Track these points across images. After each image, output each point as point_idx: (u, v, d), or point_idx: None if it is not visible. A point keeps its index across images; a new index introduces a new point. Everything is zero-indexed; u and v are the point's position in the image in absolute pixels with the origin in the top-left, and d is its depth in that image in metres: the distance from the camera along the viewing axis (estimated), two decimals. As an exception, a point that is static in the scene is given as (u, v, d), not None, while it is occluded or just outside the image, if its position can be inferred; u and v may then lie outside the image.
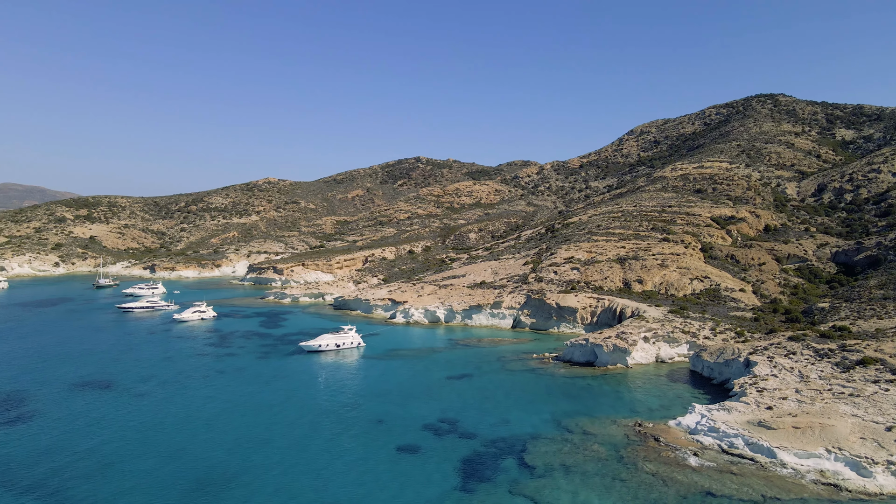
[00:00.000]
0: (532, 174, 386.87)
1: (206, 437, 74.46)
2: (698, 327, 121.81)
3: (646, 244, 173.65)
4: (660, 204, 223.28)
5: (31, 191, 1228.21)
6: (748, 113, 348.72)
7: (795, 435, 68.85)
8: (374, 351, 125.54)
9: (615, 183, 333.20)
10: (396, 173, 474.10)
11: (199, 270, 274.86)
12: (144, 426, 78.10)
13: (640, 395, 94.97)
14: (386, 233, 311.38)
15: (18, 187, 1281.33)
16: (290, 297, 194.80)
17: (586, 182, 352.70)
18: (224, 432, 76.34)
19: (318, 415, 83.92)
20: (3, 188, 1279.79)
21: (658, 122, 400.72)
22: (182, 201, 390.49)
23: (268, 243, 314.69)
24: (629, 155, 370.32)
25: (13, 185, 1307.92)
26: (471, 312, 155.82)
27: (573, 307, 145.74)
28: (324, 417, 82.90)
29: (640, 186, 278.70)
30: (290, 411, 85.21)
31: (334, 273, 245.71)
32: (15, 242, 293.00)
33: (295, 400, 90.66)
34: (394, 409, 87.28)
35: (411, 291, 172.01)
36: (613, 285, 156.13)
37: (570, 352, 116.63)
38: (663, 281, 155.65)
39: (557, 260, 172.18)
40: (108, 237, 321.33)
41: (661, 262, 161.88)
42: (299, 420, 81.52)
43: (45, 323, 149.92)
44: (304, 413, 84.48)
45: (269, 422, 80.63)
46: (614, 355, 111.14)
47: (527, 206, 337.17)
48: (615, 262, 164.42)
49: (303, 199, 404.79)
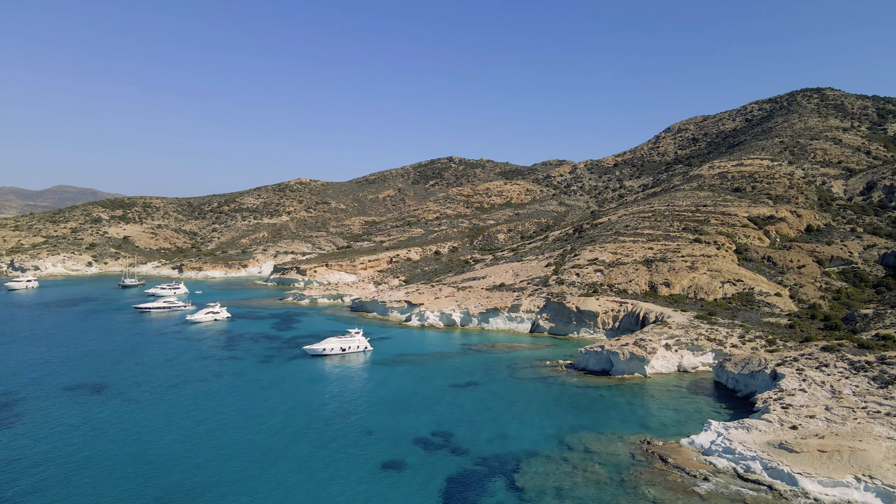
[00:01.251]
0: (564, 173, 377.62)
1: (181, 448, 70.63)
2: (725, 334, 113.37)
3: (675, 245, 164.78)
4: (694, 203, 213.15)
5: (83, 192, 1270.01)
6: (793, 108, 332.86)
7: (821, 460, 61.14)
8: (380, 356, 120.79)
9: (650, 182, 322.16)
10: (429, 173, 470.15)
11: (226, 271, 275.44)
12: (121, 435, 74.78)
13: (655, 408, 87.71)
14: (413, 233, 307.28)
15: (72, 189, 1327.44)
16: (309, 299, 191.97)
17: (620, 181, 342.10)
18: (202, 443, 72.43)
19: (304, 425, 79.40)
20: (58, 190, 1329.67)
21: (697, 118, 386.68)
22: (215, 202, 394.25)
23: (295, 244, 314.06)
24: (665, 153, 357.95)
25: (67, 187, 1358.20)
26: (487, 316, 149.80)
27: (594, 311, 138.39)
28: (310, 428, 78.32)
29: (674, 185, 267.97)
30: (276, 420, 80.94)
31: (358, 274, 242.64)
32: (51, 242, 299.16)
33: (285, 408, 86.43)
34: (386, 420, 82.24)
35: (428, 293, 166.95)
36: (638, 288, 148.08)
37: (585, 359, 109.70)
38: (692, 284, 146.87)
39: (580, 261, 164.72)
40: (140, 237, 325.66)
41: (691, 264, 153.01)
42: (283, 430, 77.12)
43: (60, 323, 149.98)
44: (290, 423, 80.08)
45: (251, 431, 76.47)
46: (631, 364, 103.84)
47: (558, 206, 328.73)
48: (641, 264, 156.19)
49: (333, 200, 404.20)
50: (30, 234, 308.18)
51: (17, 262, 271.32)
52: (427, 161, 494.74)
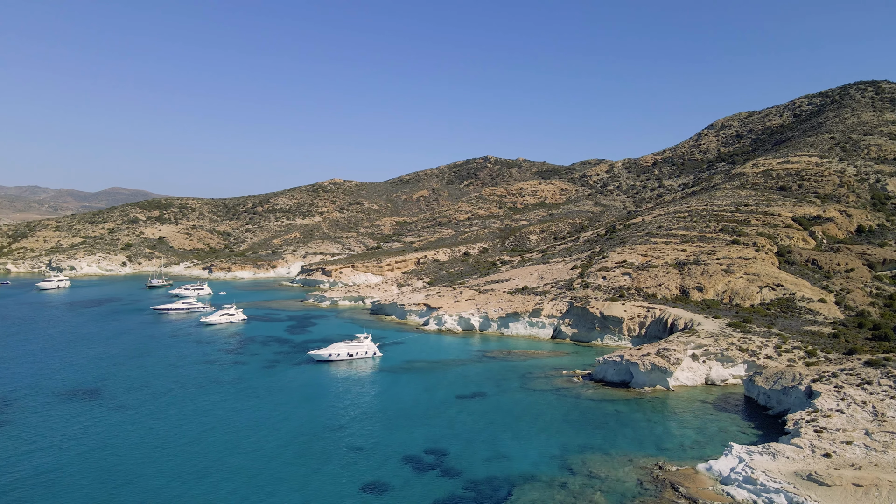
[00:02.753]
0: (601, 173, 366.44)
1: (155, 462, 66.58)
2: (760, 344, 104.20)
3: (710, 247, 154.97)
4: (734, 202, 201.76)
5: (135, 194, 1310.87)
6: (845, 102, 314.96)
7: (856, 496, 53.05)
8: (389, 362, 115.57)
9: (691, 181, 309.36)
10: (463, 173, 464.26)
11: (254, 271, 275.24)
12: (97, 445, 71.28)
13: (675, 426, 79.92)
14: (443, 234, 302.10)
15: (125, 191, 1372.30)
16: (329, 301, 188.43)
17: (659, 180, 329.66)
18: (174, 457, 68.24)
19: (289, 439, 74.51)
20: (111, 192, 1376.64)
21: (741, 114, 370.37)
22: (249, 202, 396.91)
23: (325, 244, 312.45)
24: (708, 151, 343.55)
25: (121, 189, 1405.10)
26: (507, 321, 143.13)
27: (619, 317, 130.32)
28: (294, 443, 73.39)
29: (715, 184, 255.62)
30: (260, 434, 76.28)
31: (384, 275, 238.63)
32: (89, 243, 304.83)
33: (273, 420, 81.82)
34: (380, 434, 76.80)
35: (448, 296, 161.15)
36: (669, 293, 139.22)
37: (603, 370, 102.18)
38: (727, 289, 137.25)
39: (608, 264, 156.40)
40: (175, 238, 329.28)
41: (727, 267, 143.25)
42: (264, 445, 72.35)
43: (77, 324, 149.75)
44: (274, 437, 75.28)
45: (230, 446, 71.92)
46: (652, 375, 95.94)
47: (594, 206, 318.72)
48: (672, 267, 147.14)
49: (367, 200, 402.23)
50: (69, 235, 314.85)
51: (55, 261, 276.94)
52: (462, 161, 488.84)
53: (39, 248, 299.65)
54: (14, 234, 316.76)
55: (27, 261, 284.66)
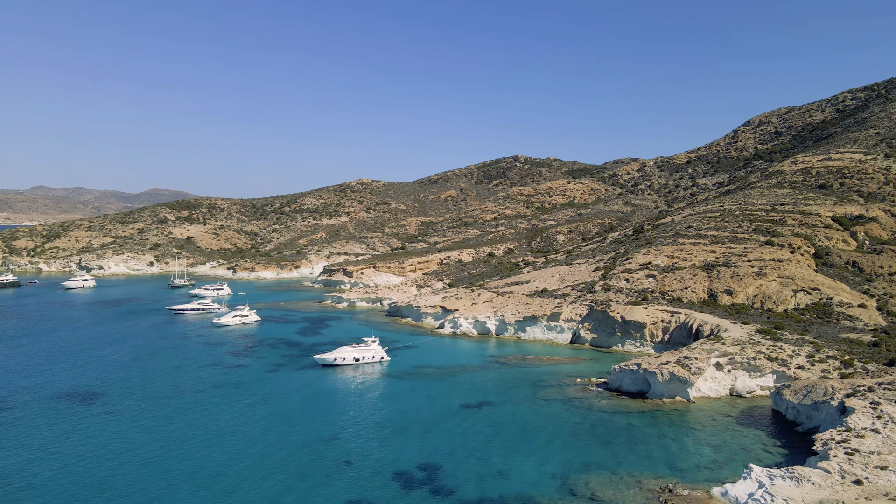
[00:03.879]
0: (632, 171, 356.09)
1: (124, 475, 63.23)
2: (791, 352, 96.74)
3: (741, 248, 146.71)
4: (770, 202, 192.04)
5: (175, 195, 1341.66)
6: (892, 96, 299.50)
7: (890, 533, 46.49)
8: (397, 367, 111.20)
9: (726, 179, 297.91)
10: (493, 173, 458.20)
11: (278, 271, 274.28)
12: (78, 453, 68.51)
13: (692, 442, 73.61)
14: (469, 234, 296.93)
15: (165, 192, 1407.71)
16: (347, 302, 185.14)
17: (693, 179, 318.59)
18: (151, 466, 64.98)
19: (275, 450, 70.59)
20: (152, 192, 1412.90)
21: (780, 110, 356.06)
22: (277, 202, 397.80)
23: (349, 244, 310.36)
24: (744, 148, 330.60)
25: (161, 190, 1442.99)
26: (524, 324, 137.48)
27: (640, 322, 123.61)
28: (279, 453, 69.43)
29: (750, 183, 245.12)
30: (248, 443, 72.57)
31: (406, 276, 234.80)
32: (118, 242, 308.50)
33: (265, 428, 78.15)
34: (373, 447, 72.38)
35: (466, 298, 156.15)
36: (695, 297, 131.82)
37: (619, 378, 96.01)
38: (758, 293, 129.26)
39: (632, 266, 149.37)
40: (203, 238, 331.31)
41: (758, 269, 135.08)
42: (247, 455, 68.54)
43: (91, 324, 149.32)
44: (260, 446, 71.44)
45: (213, 457, 68.29)
46: (671, 386, 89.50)
47: (624, 206, 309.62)
48: (700, 269, 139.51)
49: (394, 200, 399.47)
50: (100, 235, 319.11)
51: (84, 261, 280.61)
52: (491, 160, 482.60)
53: (71, 247, 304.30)
54: (48, 235, 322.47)
55: (59, 260, 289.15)
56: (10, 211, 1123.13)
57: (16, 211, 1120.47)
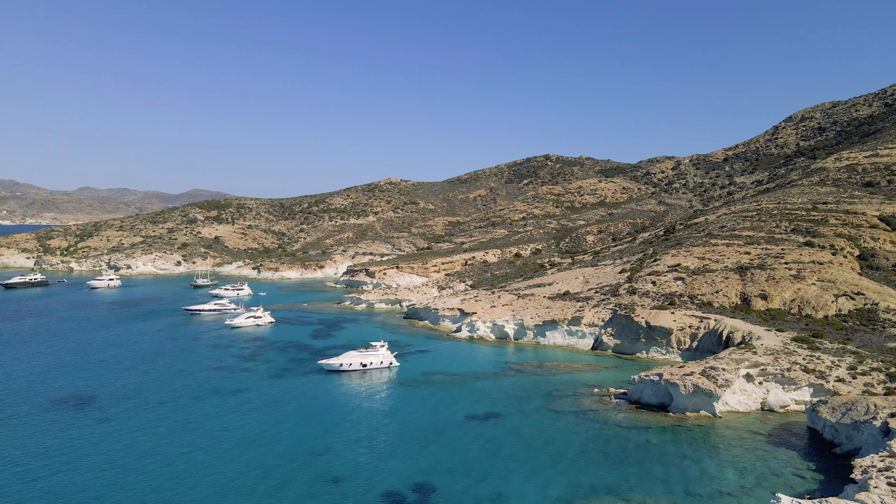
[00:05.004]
0: (666, 170, 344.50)
1: (93, 491, 59.50)
2: (830, 364, 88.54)
3: (778, 249, 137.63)
4: (811, 200, 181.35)
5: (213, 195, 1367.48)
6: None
7: (941, 587, 39.38)
8: (406, 374, 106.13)
9: (766, 177, 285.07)
10: (523, 172, 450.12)
11: (302, 271, 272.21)
12: (51, 464, 65.11)
13: (714, 464, 66.63)
14: (496, 234, 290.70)
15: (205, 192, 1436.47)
16: (366, 303, 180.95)
17: (730, 177, 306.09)
18: (123, 480, 61.10)
19: (259, 464, 66.09)
20: (192, 193, 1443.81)
21: (824, 105, 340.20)
22: (305, 202, 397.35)
23: (375, 244, 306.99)
24: (785, 145, 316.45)
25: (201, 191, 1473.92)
26: (544, 329, 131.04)
27: (667, 327, 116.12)
28: (264, 468, 64.89)
29: (791, 180, 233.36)
30: (233, 456, 68.18)
31: (430, 276, 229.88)
32: (148, 242, 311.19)
33: (255, 439, 73.75)
34: (366, 462, 67.35)
35: (485, 301, 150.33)
36: (727, 301, 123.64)
37: (639, 390, 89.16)
38: (796, 297, 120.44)
39: (660, 268, 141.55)
40: (231, 237, 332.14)
41: (797, 272, 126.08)
42: (229, 470, 64.16)
43: (106, 325, 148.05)
44: (245, 460, 67.01)
45: (191, 471, 64.06)
46: (696, 399, 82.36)
47: (657, 205, 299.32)
48: (733, 272, 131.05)
49: (422, 200, 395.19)
50: (131, 234, 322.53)
51: (113, 260, 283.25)
52: (522, 159, 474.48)
53: (102, 247, 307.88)
54: (81, 234, 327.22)
55: (89, 259, 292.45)
56: (57, 211, 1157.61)
57: (62, 211, 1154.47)
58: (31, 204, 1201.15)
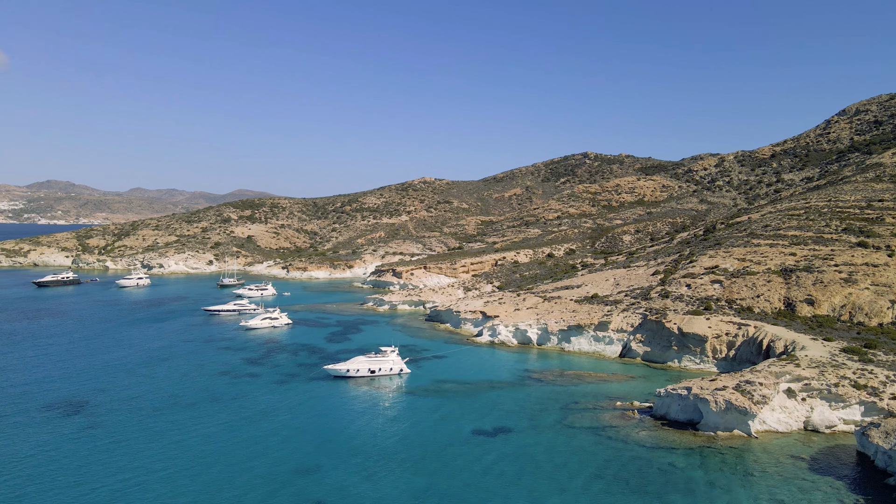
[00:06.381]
0: (709, 167, 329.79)
1: None
2: (884, 379, 78.79)
3: (828, 251, 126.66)
4: (865, 198, 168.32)
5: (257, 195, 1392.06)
6: None
7: None
8: (416, 381, 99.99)
9: (816, 174, 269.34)
10: (560, 170, 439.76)
11: (330, 271, 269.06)
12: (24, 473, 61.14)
13: (748, 495, 58.44)
14: (529, 234, 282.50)
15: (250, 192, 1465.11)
16: (388, 305, 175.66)
17: (777, 174, 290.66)
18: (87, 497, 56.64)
19: (237, 482, 60.75)
20: (237, 193, 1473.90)
21: (881, 97, 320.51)
22: (338, 202, 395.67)
23: (406, 244, 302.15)
24: (838, 140, 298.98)
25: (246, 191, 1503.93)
26: (569, 334, 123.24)
27: (701, 334, 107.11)
28: (240, 487, 59.53)
29: (843, 177, 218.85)
30: (214, 473, 63.05)
31: (458, 277, 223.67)
32: (182, 241, 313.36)
33: (243, 452, 68.52)
34: (354, 484, 61.27)
35: (509, 304, 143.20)
36: (769, 306, 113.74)
37: (665, 404, 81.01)
38: (847, 302, 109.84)
39: (696, 270, 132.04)
40: (263, 237, 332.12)
41: (847, 275, 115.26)
42: (190, 492, 59.09)
43: (123, 324, 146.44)
44: (224, 479, 61.79)
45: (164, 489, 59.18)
46: (728, 417, 73.88)
47: (699, 203, 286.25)
48: (776, 275, 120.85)
49: (456, 199, 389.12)
50: (166, 234, 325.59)
51: (146, 259, 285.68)
52: (560, 158, 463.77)
53: (137, 246, 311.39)
54: (119, 233, 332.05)
55: (125, 258, 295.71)
56: (108, 211, 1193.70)
57: (114, 212, 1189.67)
58: (84, 204, 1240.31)
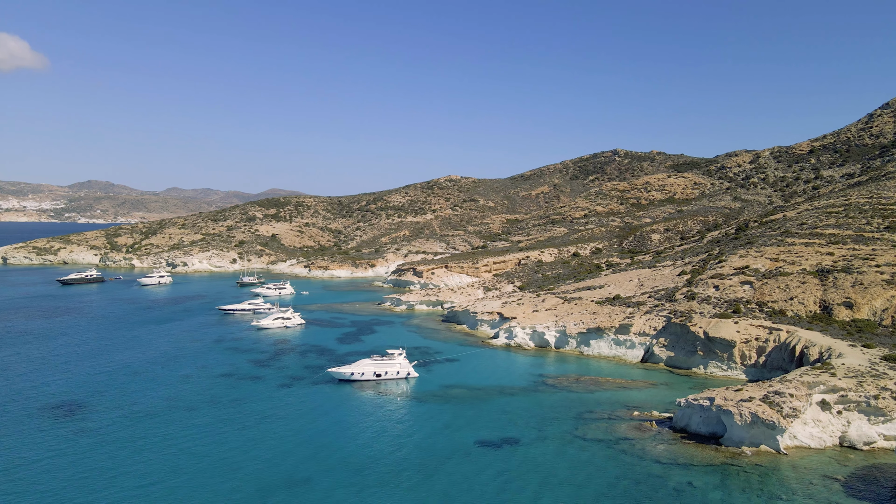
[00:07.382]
0: (743, 164, 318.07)
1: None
2: (931, 392, 71.59)
3: (868, 250, 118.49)
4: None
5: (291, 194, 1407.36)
6: None
7: None
8: (424, 386, 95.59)
9: (857, 170, 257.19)
10: (589, 168, 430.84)
11: (352, 270, 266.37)
12: None
13: (772, 522, 52.60)
14: (555, 232, 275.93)
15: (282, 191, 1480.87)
16: (406, 305, 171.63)
17: (816, 171, 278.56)
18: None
19: (219, 496, 57.15)
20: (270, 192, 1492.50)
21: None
22: (363, 200, 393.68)
23: (429, 243, 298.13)
24: (882, 134, 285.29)
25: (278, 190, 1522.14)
26: (588, 337, 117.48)
27: (728, 339, 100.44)
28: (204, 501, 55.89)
29: (887, 173, 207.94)
30: (190, 487, 59.53)
31: (480, 276, 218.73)
32: (206, 239, 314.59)
33: (231, 462, 64.93)
34: (344, 499, 57.15)
35: (528, 304, 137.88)
36: (803, 309, 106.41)
37: (686, 415, 75.07)
38: (889, 306, 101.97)
39: (725, 270, 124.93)
40: (287, 235, 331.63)
41: (891, 276, 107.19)
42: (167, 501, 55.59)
43: (137, 323, 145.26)
44: (206, 492, 58.28)
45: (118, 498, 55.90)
46: (754, 431, 67.72)
47: (732, 201, 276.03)
48: (812, 276, 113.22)
49: (482, 197, 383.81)
50: (191, 232, 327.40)
51: (171, 258, 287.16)
52: (589, 155, 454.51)
53: (164, 244, 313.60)
54: (146, 232, 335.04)
55: (150, 256, 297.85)
56: (145, 210, 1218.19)
57: (150, 211, 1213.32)
58: (122, 204, 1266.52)
